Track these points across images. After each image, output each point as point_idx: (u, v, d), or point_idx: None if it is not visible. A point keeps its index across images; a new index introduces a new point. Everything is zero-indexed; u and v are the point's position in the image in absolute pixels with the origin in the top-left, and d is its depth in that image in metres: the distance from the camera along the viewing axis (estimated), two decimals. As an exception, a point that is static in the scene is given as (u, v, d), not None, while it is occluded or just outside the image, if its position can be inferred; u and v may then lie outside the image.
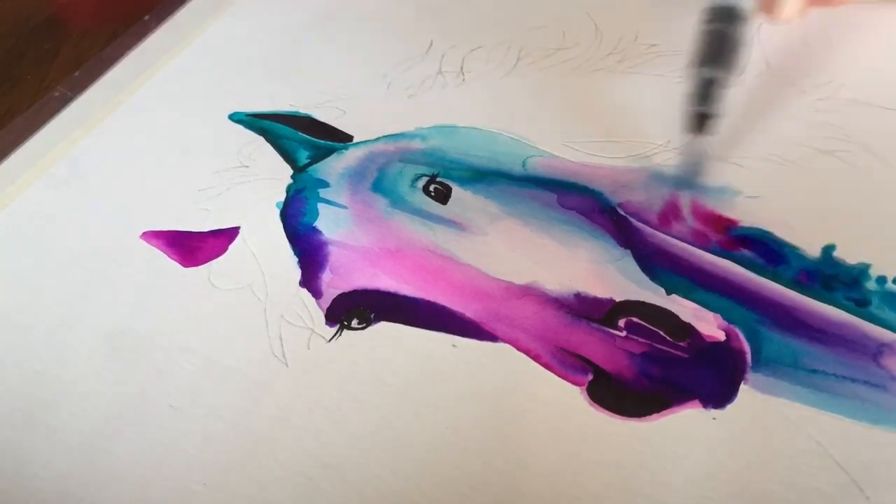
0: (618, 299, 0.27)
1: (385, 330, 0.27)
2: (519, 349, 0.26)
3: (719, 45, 0.28)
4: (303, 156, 0.34)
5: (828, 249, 0.27)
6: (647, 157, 0.32)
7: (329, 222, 0.31)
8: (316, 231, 0.30)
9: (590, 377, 0.25)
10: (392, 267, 0.29)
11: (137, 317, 0.28)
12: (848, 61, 0.36)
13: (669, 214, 0.29)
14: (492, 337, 0.26)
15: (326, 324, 0.27)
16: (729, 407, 0.24)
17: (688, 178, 0.30)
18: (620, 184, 0.31)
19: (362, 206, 0.31)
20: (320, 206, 0.31)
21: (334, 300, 0.28)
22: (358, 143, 0.35)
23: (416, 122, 0.35)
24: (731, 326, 0.26)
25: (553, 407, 0.24)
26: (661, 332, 0.26)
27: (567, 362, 0.25)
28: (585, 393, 0.25)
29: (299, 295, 0.28)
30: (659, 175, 0.31)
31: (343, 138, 0.35)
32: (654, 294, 0.27)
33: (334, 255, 0.29)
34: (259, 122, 0.36)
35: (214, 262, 0.30)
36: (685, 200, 0.30)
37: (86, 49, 0.43)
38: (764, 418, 0.23)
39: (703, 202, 0.30)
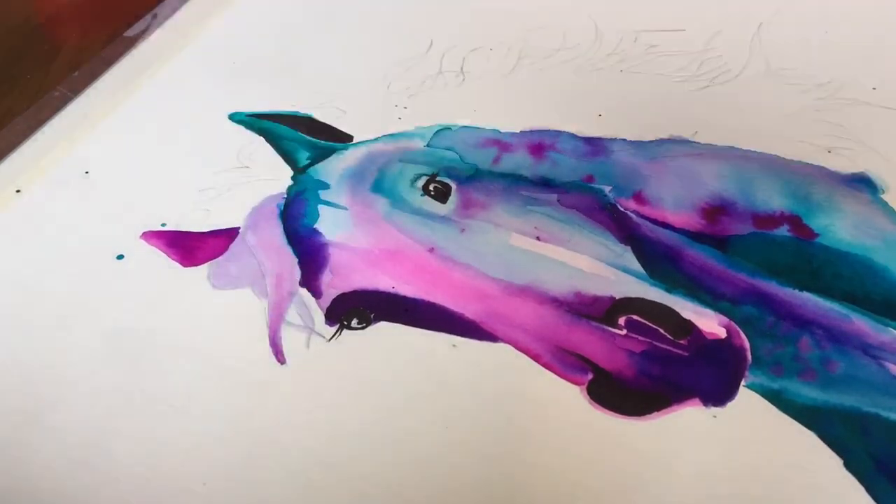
0: (618, 297, 0.27)
1: (385, 330, 0.27)
2: (519, 349, 0.26)
3: None
4: (303, 156, 0.34)
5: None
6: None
7: (329, 224, 0.31)
8: (316, 233, 0.30)
9: (590, 376, 0.25)
10: (392, 268, 0.29)
11: (137, 317, 0.28)
12: (848, 60, 0.36)
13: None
14: (491, 337, 0.26)
15: (326, 323, 0.27)
16: (729, 405, 0.24)
17: None
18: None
19: (362, 208, 0.31)
20: (321, 208, 0.31)
21: (334, 300, 0.28)
22: (358, 143, 0.35)
23: (416, 121, 0.35)
24: (732, 323, 0.26)
25: (553, 406, 0.24)
26: (662, 330, 0.26)
27: (567, 362, 0.25)
28: (585, 392, 0.25)
29: (299, 295, 0.28)
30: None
31: (343, 138, 0.35)
32: (654, 291, 0.27)
33: (335, 256, 0.29)
34: (259, 123, 0.36)
35: (214, 262, 0.30)
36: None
37: (86, 49, 0.43)
38: (765, 416, 0.23)
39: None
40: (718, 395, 0.24)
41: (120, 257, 0.31)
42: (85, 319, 0.28)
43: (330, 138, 0.35)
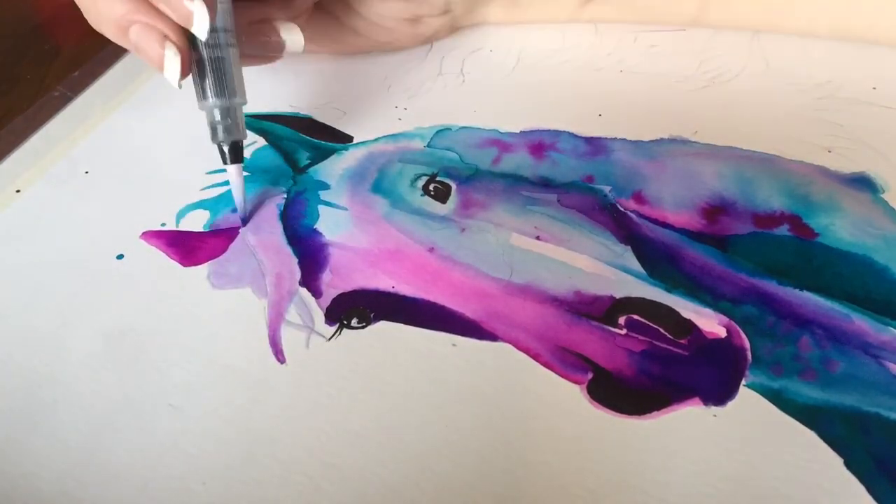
0: (618, 296, 0.27)
1: (385, 329, 0.27)
2: (519, 348, 0.26)
3: (220, 72, 0.29)
4: (303, 157, 0.34)
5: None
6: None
7: (329, 224, 0.31)
8: (316, 233, 0.30)
9: (590, 375, 0.25)
10: (392, 267, 0.29)
11: (137, 317, 0.28)
12: (848, 61, 0.36)
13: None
14: (492, 336, 0.26)
15: (326, 323, 0.27)
16: (730, 404, 0.24)
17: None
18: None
19: (362, 208, 0.31)
20: (321, 208, 0.31)
21: (334, 300, 0.28)
22: (358, 143, 0.35)
23: (416, 122, 0.35)
24: (732, 323, 0.26)
25: (553, 406, 0.24)
26: (662, 330, 0.26)
27: (567, 361, 0.25)
28: (585, 391, 0.25)
29: (299, 295, 0.28)
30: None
31: (343, 139, 0.35)
32: (654, 291, 0.27)
33: (335, 256, 0.29)
34: (259, 123, 0.36)
35: (214, 262, 0.30)
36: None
37: (86, 49, 0.43)
38: (765, 415, 0.23)
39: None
40: (718, 394, 0.24)
41: (120, 257, 0.31)
42: (85, 319, 0.28)
43: (330, 139, 0.35)
